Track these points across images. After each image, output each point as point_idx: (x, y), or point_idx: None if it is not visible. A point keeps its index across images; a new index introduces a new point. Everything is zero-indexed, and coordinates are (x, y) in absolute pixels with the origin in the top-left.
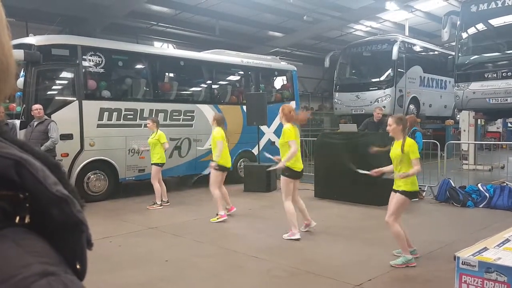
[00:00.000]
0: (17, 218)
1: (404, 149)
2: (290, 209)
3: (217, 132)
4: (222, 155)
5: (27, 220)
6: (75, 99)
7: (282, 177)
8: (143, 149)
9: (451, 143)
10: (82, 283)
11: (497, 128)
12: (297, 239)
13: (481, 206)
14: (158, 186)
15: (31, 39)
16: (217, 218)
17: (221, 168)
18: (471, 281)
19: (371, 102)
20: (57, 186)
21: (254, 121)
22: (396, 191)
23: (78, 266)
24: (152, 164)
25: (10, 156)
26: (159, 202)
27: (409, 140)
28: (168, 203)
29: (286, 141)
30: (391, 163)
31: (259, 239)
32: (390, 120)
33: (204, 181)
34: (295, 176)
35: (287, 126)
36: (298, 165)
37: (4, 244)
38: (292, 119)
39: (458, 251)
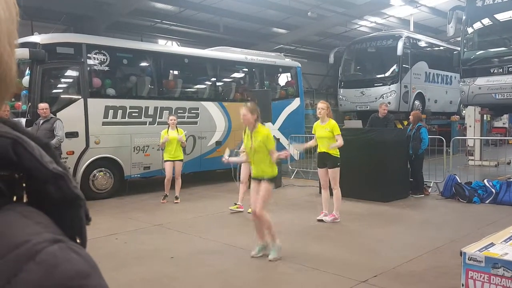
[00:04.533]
0: (15, 198)
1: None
2: (340, 195)
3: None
4: None
5: (24, 199)
6: (80, 97)
7: (335, 169)
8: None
9: (457, 139)
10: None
11: (503, 123)
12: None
13: (487, 202)
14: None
15: (36, 38)
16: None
17: None
18: (477, 277)
19: (376, 98)
20: (52, 164)
21: None
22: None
23: (78, 240)
24: (177, 160)
25: (7, 135)
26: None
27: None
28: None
29: (336, 135)
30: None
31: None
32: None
33: (208, 178)
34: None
35: (335, 122)
36: None
37: (11, 216)
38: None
39: (465, 247)
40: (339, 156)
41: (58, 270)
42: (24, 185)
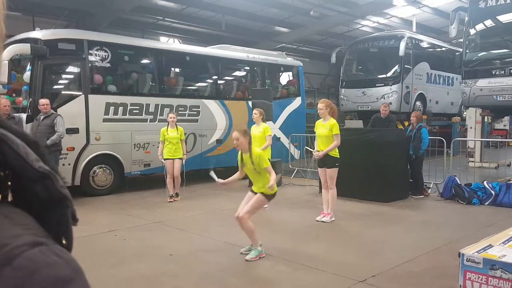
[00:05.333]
0: (0, 197)
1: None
2: (336, 195)
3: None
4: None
5: (10, 198)
6: (81, 93)
7: (333, 169)
8: None
9: (458, 140)
10: (71, 255)
11: (504, 125)
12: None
13: (486, 203)
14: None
15: (38, 34)
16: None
17: None
18: (475, 278)
19: (377, 99)
20: (39, 162)
21: None
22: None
23: (64, 242)
24: (177, 158)
25: None
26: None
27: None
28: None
29: (334, 134)
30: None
31: (264, 234)
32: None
33: (208, 177)
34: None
35: (335, 121)
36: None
37: None
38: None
39: (463, 248)
40: (338, 157)
41: (37, 275)
42: (9, 183)
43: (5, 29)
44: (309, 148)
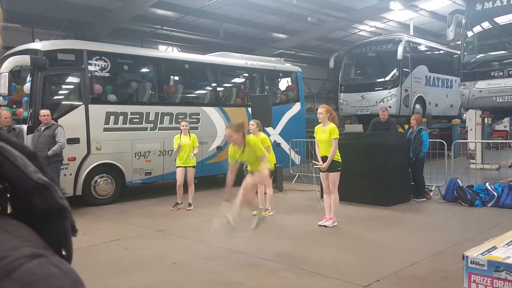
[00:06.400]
0: None
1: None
2: (338, 199)
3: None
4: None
5: (9, 210)
6: (81, 103)
7: (335, 173)
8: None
9: (458, 142)
10: (71, 266)
11: (504, 126)
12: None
13: (489, 205)
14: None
15: (37, 45)
16: (268, 213)
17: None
18: (480, 281)
19: (376, 103)
20: (37, 174)
21: None
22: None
23: (64, 253)
24: (190, 166)
25: None
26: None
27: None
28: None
29: (333, 138)
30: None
31: (266, 241)
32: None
33: (209, 184)
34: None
35: (334, 125)
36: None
37: None
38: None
39: (467, 250)
40: (340, 161)
41: (36, 287)
42: (8, 195)
43: (4, 41)
44: (316, 163)
